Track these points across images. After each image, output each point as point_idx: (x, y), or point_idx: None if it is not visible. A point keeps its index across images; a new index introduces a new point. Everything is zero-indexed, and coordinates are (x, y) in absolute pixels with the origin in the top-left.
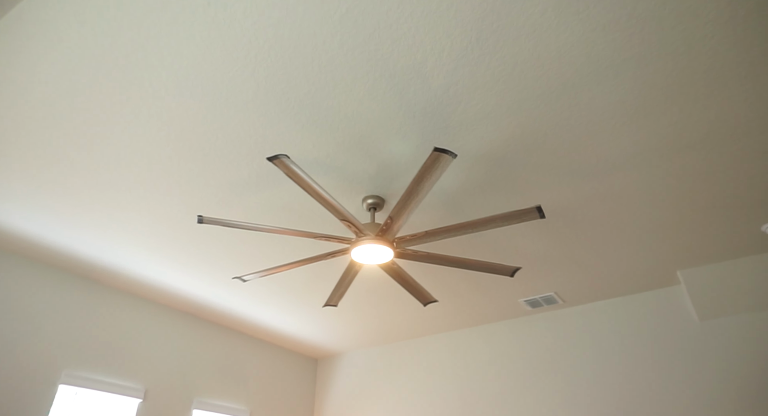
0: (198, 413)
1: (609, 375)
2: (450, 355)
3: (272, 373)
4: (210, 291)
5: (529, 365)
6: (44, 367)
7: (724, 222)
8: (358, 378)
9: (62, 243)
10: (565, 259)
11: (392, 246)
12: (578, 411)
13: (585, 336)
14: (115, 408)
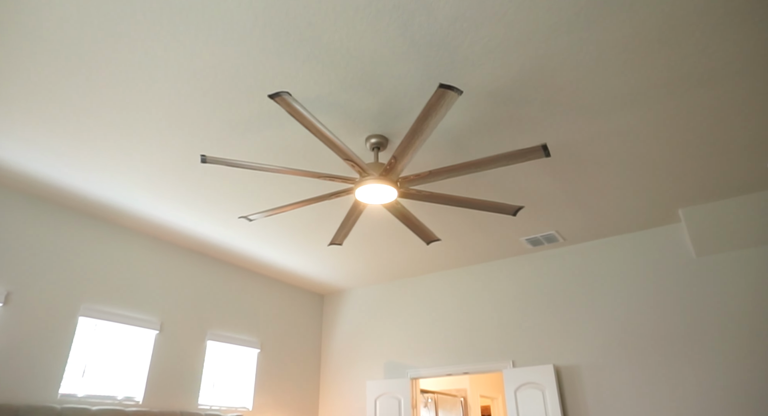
0: (212, 344)
1: (608, 311)
2: (451, 292)
3: (281, 308)
4: (217, 231)
5: (529, 302)
6: (64, 301)
7: (727, 160)
8: (362, 313)
9: (73, 184)
10: (567, 198)
11: (396, 185)
12: (577, 345)
13: (584, 273)
14: (133, 339)
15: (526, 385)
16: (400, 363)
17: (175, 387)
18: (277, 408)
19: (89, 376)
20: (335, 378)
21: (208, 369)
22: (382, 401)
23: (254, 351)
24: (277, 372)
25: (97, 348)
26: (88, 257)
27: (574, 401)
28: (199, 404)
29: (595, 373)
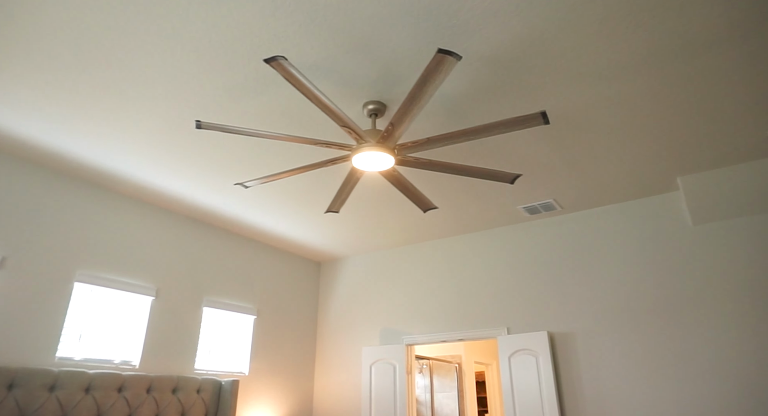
0: (208, 310)
1: (603, 279)
2: (447, 260)
3: (277, 275)
4: (213, 198)
5: (525, 269)
6: (59, 266)
7: (728, 128)
8: (358, 280)
9: (67, 149)
10: (565, 166)
11: (393, 153)
12: (572, 313)
13: (581, 241)
14: (129, 304)
15: (520, 352)
16: (395, 330)
17: (172, 352)
18: (273, 373)
19: (86, 341)
20: (331, 344)
21: (205, 334)
22: (378, 367)
23: (250, 317)
24: (273, 339)
25: (93, 313)
26: (84, 223)
27: (567, 367)
28: (195, 369)
29: (588, 340)
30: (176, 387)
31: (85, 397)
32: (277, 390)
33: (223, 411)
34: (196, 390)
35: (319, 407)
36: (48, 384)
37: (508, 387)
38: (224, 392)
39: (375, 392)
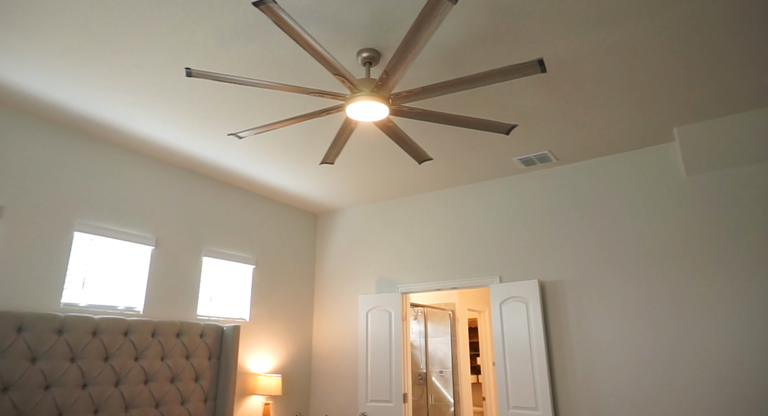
0: (207, 260)
1: (596, 229)
2: (442, 211)
3: (275, 227)
4: (208, 149)
5: (519, 221)
6: (58, 216)
7: (727, 76)
8: (355, 232)
9: (61, 100)
10: (562, 116)
11: (388, 102)
12: (563, 262)
13: (575, 192)
14: (130, 253)
15: (511, 299)
16: (391, 279)
17: (174, 299)
18: (273, 319)
19: (89, 288)
20: (329, 292)
21: (205, 283)
22: (374, 314)
23: (249, 267)
24: (272, 287)
25: (94, 262)
26: (82, 174)
27: (555, 314)
28: (197, 315)
29: (577, 288)
30: (180, 331)
31: (93, 340)
32: (277, 335)
33: (225, 355)
34: (199, 335)
35: (317, 351)
36: (55, 327)
37: (499, 332)
38: (226, 337)
39: (371, 337)
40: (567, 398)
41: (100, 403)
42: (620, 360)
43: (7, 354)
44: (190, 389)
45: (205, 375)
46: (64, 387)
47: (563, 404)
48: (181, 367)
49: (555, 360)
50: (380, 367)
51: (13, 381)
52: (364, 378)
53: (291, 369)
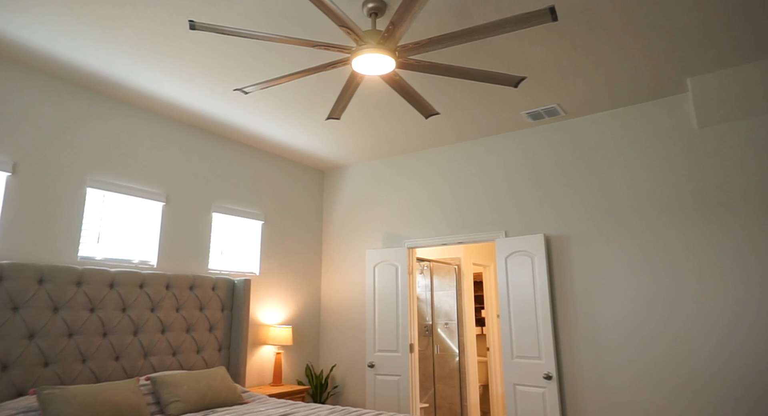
0: (217, 216)
1: (603, 183)
2: (448, 167)
3: (283, 183)
4: (215, 105)
5: (526, 175)
6: (70, 172)
7: (744, 23)
8: (361, 188)
9: (68, 55)
10: (572, 68)
11: (394, 55)
12: (569, 216)
13: (583, 146)
14: (141, 209)
15: (516, 253)
16: (397, 234)
17: (186, 253)
18: (282, 273)
19: (104, 242)
20: (336, 247)
21: (216, 238)
22: (381, 268)
23: (258, 222)
24: (281, 242)
25: (108, 217)
26: (91, 130)
27: (560, 267)
28: (209, 269)
29: (582, 242)
30: (193, 284)
31: (110, 292)
32: (287, 288)
33: (237, 307)
34: (211, 288)
35: (326, 304)
36: (74, 280)
37: (504, 286)
38: (237, 290)
39: (378, 290)
40: (569, 347)
41: (121, 351)
42: (623, 312)
43: (30, 303)
44: (204, 338)
45: (218, 326)
46: (86, 336)
47: (566, 353)
48: (195, 318)
49: (558, 311)
50: (387, 319)
51: (38, 329)
52: (372, 329)
53: (301, 320)
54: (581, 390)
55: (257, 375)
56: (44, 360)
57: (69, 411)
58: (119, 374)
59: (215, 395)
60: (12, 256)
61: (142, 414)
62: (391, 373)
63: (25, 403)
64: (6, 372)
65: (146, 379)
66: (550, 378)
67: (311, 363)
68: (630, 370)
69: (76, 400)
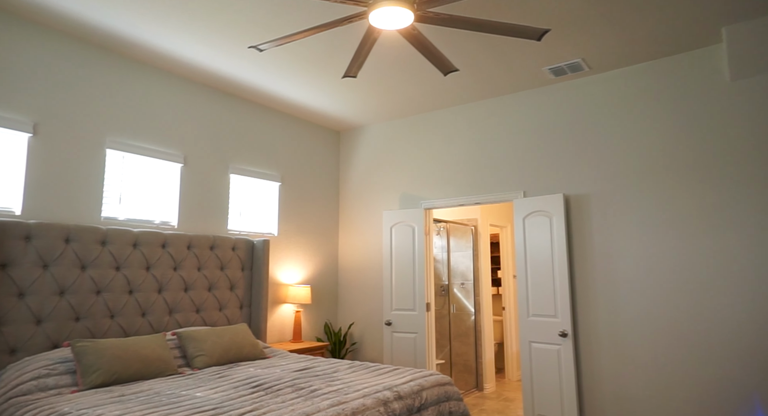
0: (235, 177)
1: (627, 140)
2: (467, 126)
3: (299, 144)
4: (231, 64)
5: (546, 134)
6: (89, 133)
7: None
8: (378, 148)
9: (86, 15)
10: (599, 19)
11: (412, 8)
12: (589, 175)
13: (607, 102)
14: (160, 170)
15: (534, 213)
16: (414, 195)
17: (205, 214)
18: (300, 234)
19: (126, 203)
20: (353, 208)
21: (234, 199)
22: (398, 229)
23: (275, 184)
24: (298, 203)
25: (128, 178)
26: (110, 91)
27: (579, 227)
28: (228, 230)
29: (603, 201)
30: (213, 244)
31: (134, 251)
32: (305, 249)
33: (257, 267)
34: (231, 248)
35: (343, 264)
36: (99, 239)
37: (521, 246)
38: (257, 250)
39: (395, 251)
40: (586, 306)
41: (147, 307)
42: (641, 270)
43: (59, 262)
44: (226, 297)
45: (239, 285)
46: (113, 293)
47: (581, 311)
48: (216, 277)
49: (576, 271)
50: (404, 279)
51: (67, 286)
52: (389, 289)
53: (319, 280)
54: (596, 347)
55: (278, 332)
56: (75, 315)
57: (101, 362)
58: (146, 329)
59: (238, 350)
60: (38, 216)
61: (170, 366)
62: (407, 331)
63: (61, 354)
64: (41, 326)
65: (172, 334)
66: (566, 336)
67: (330, 321)
68: (645, 328)
69: (108, 352)
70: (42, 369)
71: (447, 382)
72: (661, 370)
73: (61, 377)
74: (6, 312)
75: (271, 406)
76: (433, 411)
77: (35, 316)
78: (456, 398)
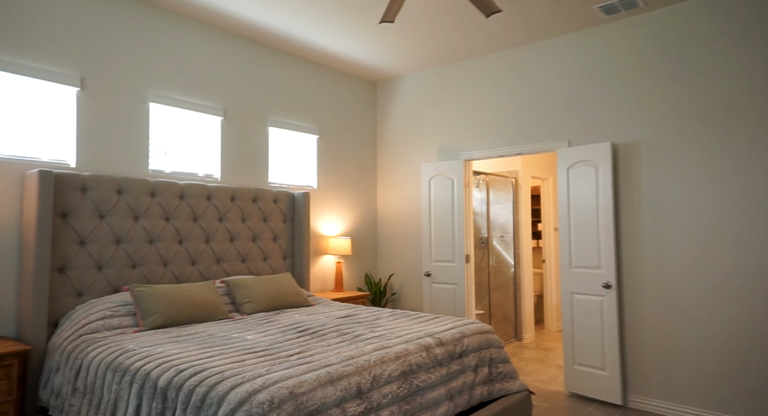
0: (273, 130)
1: (688, 84)
2: (509, 73)
3: (336, 96)
4: (267, 14)
5: (594, 79)
6: (133, 86)
7: None
8: (415, 99)
9: None
10: None
11: None
12: (641, 122)
13: (664, 42)
14: (201, 124)
15: (579, 163)
16: (453, 147)
17: (246, 167)
18: (339, 187)
19: (170, 156)
20: (391, 161)
21: (273, 152)
22: (436, 181)
23: (313, 137)
24: (336, 156)
25: (171, 132)
26: (151, 44)
27: (627, 176)
28: (269, 182)
29: (655, 149)
30: (255, 197)
31: (181, 203)
32: (344, 201)
33: (298, 219)
34: (273, 200)
35: (382, 216)
36: (148, 191)
37: (564, 197)
38: (297, 202)
39: (434, 203)
40: (631, 257)
41: (196, 256)
42: (693, 221)
43: (113, 212)
44: (270, 248)
45: (281, 236)
46: (165, 242)
47: (627, 263)
48: (260, 229)
49: (622, 222)
50: (443, 231)
51: (122, 235)
52: (428, 240)
53: (359, 232)
54: (641, 297)
55: (320, 282)
56: (132, 263)
57: (158, 305)
58: (196, 277)
59: (283, 297)
60: (90, 168)
61: (221, 310)
62: (447, 282)
63: (121, 298)
64: (102, 272)
65: (221, 282)
66: (609, 287)
67: (370, 271)
68: (694, 280)
69: (163, 297)
70: (107, 311)
71: (488, 330)
72: (709, 321)
73: (123, 318)
74: (70, 258)
75: (318, 349)
76: (474, 358)
77: (96, 263)
78: (497, 346)
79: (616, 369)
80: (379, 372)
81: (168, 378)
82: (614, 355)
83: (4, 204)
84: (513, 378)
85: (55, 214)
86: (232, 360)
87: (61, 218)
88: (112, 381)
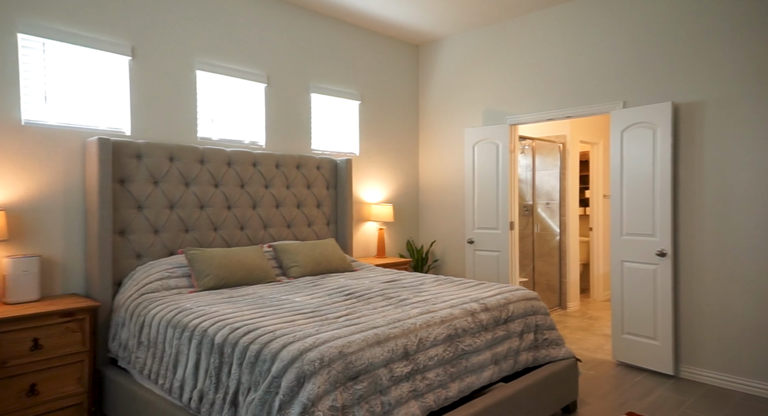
0: (315, 96)
1: (762, 34)
2: (558, 31)
3: (378, 61)
4: None
5: (652, 35)
6: (180, 54)
7: None
8: (458, 61)
9: None
10: None
11: None
12: (705, 79)
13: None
14: (245, 91)
15: (635, 125)
16: (498, 111)
17: (290, 134)
18: (381, 153)
19: (217, 124)
20: (433, 126)
21: (316, 119)
22: (480, 146)
23: (355, 103)
24: (378, 122)
25: (217, 99)
26: (197, 12)
27: (688, 138)
28: (312, 149)
29: (722, 108)
30: (299, 164)
31: (229, 170)
32: (386, 168)
33: (341, 185)
34: (316, 167)
35: (424, 183)
36: (198, 158)
37: (617, 161)
38: (340, 169)
39: (478, 169)
40: (689, 225)
41: (244, 222)
42: (761, 187)
43: (166, 179)
44: (314, 214)
45: (325, 203)
46: (214, 208)
47: (684, 230)
48: (304, 195)
49: (681, 188)
50: (487, 198)
51: (175, 200)
52: (471, 208)
53: (401, 199)
54: (699, 267)
55: (362, 249)
56: (185, 227)
57: (210, 268)
58: (245, 241)
59: (328, 262)
60: (144, 136)
61: (269, 274)
62: (490, 249)
63: (176, 260)
64: (158, 236)
65: (268, 247)
66: (664, 256)
67: (412, 238)
68: (759, 249)
69: (215, 260)
70: (164, 272)
71: (533, 297)
72: None
73: (179, 279)
74: (130, 222)
75: (364, 312)
76: (520, 324)
77: (152, 227)
78: (542, 312)
79: (669, 339)
80: (425, 335)
81: (223, 335)
82: (667, 324)
83: (70, 170)
84: (559, 344)
85: (114, 180)
86: (282, 320)
87: (120, 184)
88: (173, 336)
